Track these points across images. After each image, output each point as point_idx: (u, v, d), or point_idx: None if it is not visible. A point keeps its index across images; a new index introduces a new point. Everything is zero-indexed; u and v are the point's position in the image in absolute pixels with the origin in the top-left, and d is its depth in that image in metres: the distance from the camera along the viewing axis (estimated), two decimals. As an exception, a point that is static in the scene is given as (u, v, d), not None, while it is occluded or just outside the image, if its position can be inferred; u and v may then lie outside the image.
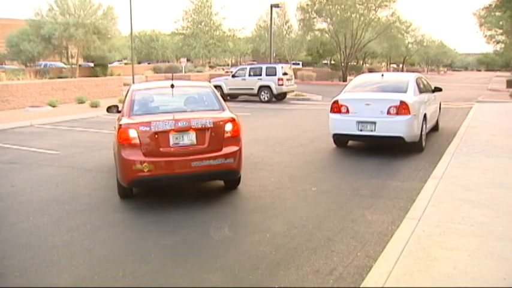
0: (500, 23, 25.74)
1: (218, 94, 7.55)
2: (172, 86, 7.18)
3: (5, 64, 44.66)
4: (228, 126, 6.65)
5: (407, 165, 8.96)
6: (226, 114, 6.92)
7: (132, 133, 6.29)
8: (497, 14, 21.84)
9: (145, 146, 6.28)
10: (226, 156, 6.53)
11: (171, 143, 6.33)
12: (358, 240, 5.23)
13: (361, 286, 4.00)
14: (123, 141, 6.32)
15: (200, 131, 6.43)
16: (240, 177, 7.23)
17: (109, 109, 8.01)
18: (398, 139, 9.62)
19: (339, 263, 4.64)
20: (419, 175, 8.06)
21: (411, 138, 9.72)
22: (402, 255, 4.51)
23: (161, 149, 6.29)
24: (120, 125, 6.47)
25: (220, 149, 6.53)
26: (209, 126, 6.47)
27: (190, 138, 6.40)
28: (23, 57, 40.57)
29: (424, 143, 10.38)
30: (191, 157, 6.34)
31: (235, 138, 6.73)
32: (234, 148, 6.65)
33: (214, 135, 6.49)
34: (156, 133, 6.27)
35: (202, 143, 6.44)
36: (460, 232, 5.08)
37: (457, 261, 4.35)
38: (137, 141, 6.27)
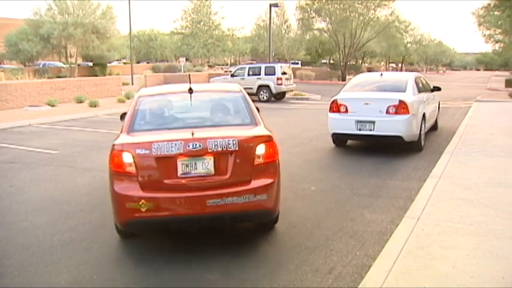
0: (499, 22, 25.76)
1: (250, 102, 5.77)
2: (190, 90, 5.51)
3: (3, 64, 44.73)
4: (261, 149, 4.87)
5: (406, 164, 8.96)
6: (260, 130, 5.18)
7: (127, 158, 4.70)
8: (496, 13, 21.88)
9: (144, 177, 4.70)
10: (257, 191, 4.77)
11: (180, 172, 4.69)
12: (357, 239, 5.23)
13: (360, 285, 3.99)
14: (116, 168, 4.77)
15: (220, 155, 4.73)
16: (277, 216, 5.44)
17: (122, 117, 6.33)
18: (397, 138, 9.63)
19: (338, 262, 4.64)
20: (418, 174, 8.07)
21: (410, 137, 9.73)
22: (401, 255, 4.51)
23: (166, 181, 4.67)
24: (113, 145, 4.87)
25: (249, 181, 4.78)
26: (233, 149, 4.74)
27: (206, 165, 4.73)
28: (21, 57, 40.83)
29: (423, 142, 10.39)
30: (207, 193, 4.67)
31: (270, 166, 4.95)
32: (268, 180, 4.88)
33: (241, 162, 4.78)
34: (158, 158, 4.66)
35: (223, 173, 4.75)
36: (459, 231, 5.09)
37: (456, 260, 4.36)
38: (133, 169, 4.68)
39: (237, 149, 4.77)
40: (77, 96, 21.76)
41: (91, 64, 44.32)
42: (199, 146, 4.70)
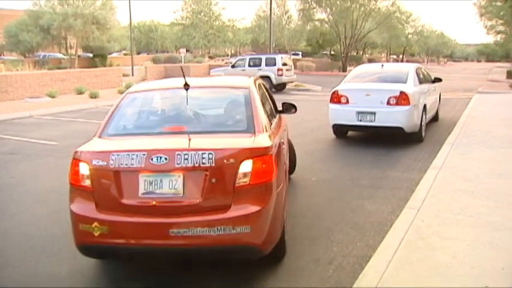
0: (501, 13, 25.66)
1: (257, 103, 4.63)
2: (186, 86, 4.53)
3: (3, 55, 44.71)
4: (246, 166, 3.77)
5: (406, 155, 8.96)
6: (252, 141, 4.05)
7: (83, 169, 3.91)
8: (498, 4, 21.78)
9: (100, 194, 3.87)
10: (236, 221, 3.69)
11: (141, 191, 3.76)
12: (357, 230, 5.24)
13: (360, 276, 4.01)
14: (71, 180, 4.03)
15: (192, 172, 3.74)
16: (283, 249, 4.46)
17: None
18: (398, 129, 9.63)
19: (338, 252, 4.65)
20: (419, 165, 8.07)
21: (411, 128, 9.72)
22: (401, 245, 4.52)
23: (124, 201, 3.78)
24: (75, 153, 4.08)
25: (227, 208, 3.74)
26: (207, 164, 3.70)
27: (173, 184, 3.75)
28: (21, 48, 40.83)
29: (423, 134, 10.39)
30: (171, 220, 3.72)
31: (259, 188, 3.83)
32: (254, 208, 3.76)
33: (217, 182, 3.75)
34: (117, 172, 3.79)
35: (194, 195, 3.75)
36: (459, 222, 5.10)
37: (456, 251, 4.37)
38: (89, 183, 3.88)
39: (212, 165, 3.70)
40: (77, 88, 21.73)
41: (91, 55, 44.31)
42: (165, 159, 3.71)
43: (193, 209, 3.74)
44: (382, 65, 11.61)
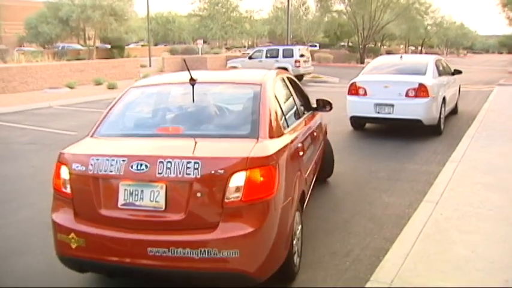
0: (524, 3, 25.14)
1: (269, 103, 3.95)
2: (192, 81, 3.98)
3: (23, 46, 45.39)
4: (239, 179, 3.21)
5: (425, 148, 8.88)
6: (252, 149, 3.40)
7: (64, 173, 3.59)
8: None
9: (79, 202, 3.51)
10: (223, 244, 3.16)
11: (121, 201, 3.35)
12: (375, 222, 5.22)
13: (378, 268, 3.99)
14: (53, 184, 3.72)
15: (175, 184, 3.28)
16: (291, 273, 3.86)
17: None
18: (416, 122, 9.53)
19: (355, 244, 4.64)
20: (438, 158, 7.99)
21: (430, 121, 9.62)
22: (419, 238, 4.49)
23: (102, 212, 3.38)
24: (59, 154, 3.81)
25: (213, 227, 3.20)
26: (193, 176, 3.20)
27: (155, 196, 3.28)
28: (41, 39, 41.64)
29: (442, 126, 10.27)
30: (149, 237, 3.26)
31: (254, 206, 3.27)
32: (246, 229, 3.20)
33: (204, 197, 3.24)
34: (96, 179, 3.41)
35: (176, 210, 3.26)
36: (478, 216, 5.05)
37: (475, 245, 4.32)
38: (69, 189, 3.55)
39: (197, 176, 3.19)
40: (95, 78, 21.90)
41: (109, 46, 44.91)
42: (145, 167, 3.27)
43: (175, 227, 3.27)
44: (401, 57, 11.48)
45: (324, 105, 5.87)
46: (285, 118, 4.31)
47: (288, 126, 4.26)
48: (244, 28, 58.35)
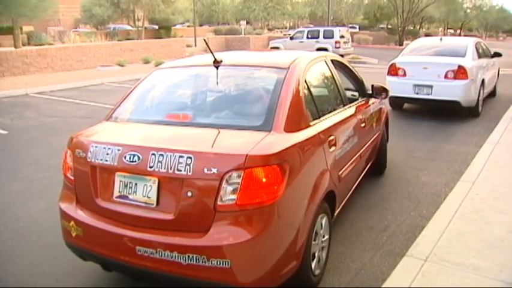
0: None
1: (292, 90, 3.48)
2: (216, 64, 3.68)
3: (79, 27, 48.53)
4: (234, 179, 2.81)
5: (462, 129, 8.89)
6: (256, 144, 2.96)
7: (69, 158, 3.44)
8: None
9: (80, 189, 3.35)
10: (213, 251, 2.79)
11: (116, 193, 3.14)
12: (411, 200, 5.36)
13: (413, 244, 4.10)
14: (63, 169, 3.55)
15: (168, 180, 2.95)
16: (310, 282, 3.47)
17: None
18: (454, 103, 9.52)
19: (392, 221, 4.79)
20: (475, 140, 8.02)
21: (468, 103, 9.59)
22: (455, 217, 4.59)
23: (99, 202, 3.20)
24: (69, 139, 3.58)
25: (204, 232, 2.84)
26: (184, 172, 2.86)
27: (147, 191, 3.01)
28: (94, 21, 44.19)
29: (480, 109, 10.21)
30: (138, 235, 2.98)
31: (251, 212, 2.84)
32: (242, 236, 2.80)
33: (195, 197, 2.87)
34: (94, 167, 3.22)
35: (167, 209, 2.96)
36: (514, 197, 5.10)
37: (510, 225, 4.39)
38: (72, 175, 3.41)
39: (189, 173, 2.85)
40: (144, 57, 22.81)
41: (157, 27, 47.14)
42: (138, 159, 3.00)
43: (164, 227, 2.95)
44: (441, 39, 11.37)
45: (380, 91, 5.48)
46: (317, 107, 3.83)
47: (320, 117, 3.81)
48: (286, 9, 58.45)
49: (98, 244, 3.18)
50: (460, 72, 9.37)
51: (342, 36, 24.56)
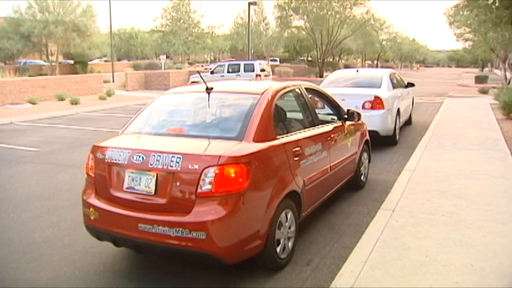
0: (468, 21, 26.24)
1: (263, 111, 4.53)
2: (208, 90, 4.81)
3: (-17, 62, 44.48)
4: (210, 173, 3.84)
5: (381, 158, 9.18)
6: (228, 148, 4.03)
7: (91, 161, 4.56)
8: (465, 13, 22.28)
9: (98, 183, 4.46)
10: (193, 226, 3.79)
11: (126, 185, 4.20)
12: (334, 231, 5.39)
13: (337, 276, 4.10)
14: (85, 170, 4.67)
15: (163, 174, 4.00)
16: (277, 261, 4.40)
17: None
18: (372, 133, 9.79)
19: (315, 254, 4.78)
20: (394, 168, 8.29)
21: (385, 132, 9.95)
22: (377, 245, 4.65)
23: (113, 192, 4.29)
24: (92, 146, 4.69)
25: (188, 212, 3.86)
26: (174, 168, 3.94)
27: (148, 183, 4.08)
28: (1, 55, 41.06)
29: (397, 137, 10.66)
30: (140, 215, 4.03)
31: (224, 197, 3.85)
32: (214, 214, 3.80)
33: (181, 186, 3.94)
34: (110, 166, 4.33)
35: (162, 195, 4.01)
36: (432, 222, 5.28)
37: (428, 249, 4.52)
38: (93, 173, 4.52)
39: (178, 168, 3.91)
40: (58, 94, 21.67)
41: (72, 62, 44.65)
42: (142, 159, 4.11)
43: (159, 208, 4.01)
44: (357, 71, 11.85)
45: (354, 115, 6.51)
46: (285, 125, 4.96)
47: (287, 132, 4.84)
48: (206, 43, 58.44)
49: (111, 224, 4.23)
50: (377, 103, 9.74)
51: (263, 70, 24.85)
